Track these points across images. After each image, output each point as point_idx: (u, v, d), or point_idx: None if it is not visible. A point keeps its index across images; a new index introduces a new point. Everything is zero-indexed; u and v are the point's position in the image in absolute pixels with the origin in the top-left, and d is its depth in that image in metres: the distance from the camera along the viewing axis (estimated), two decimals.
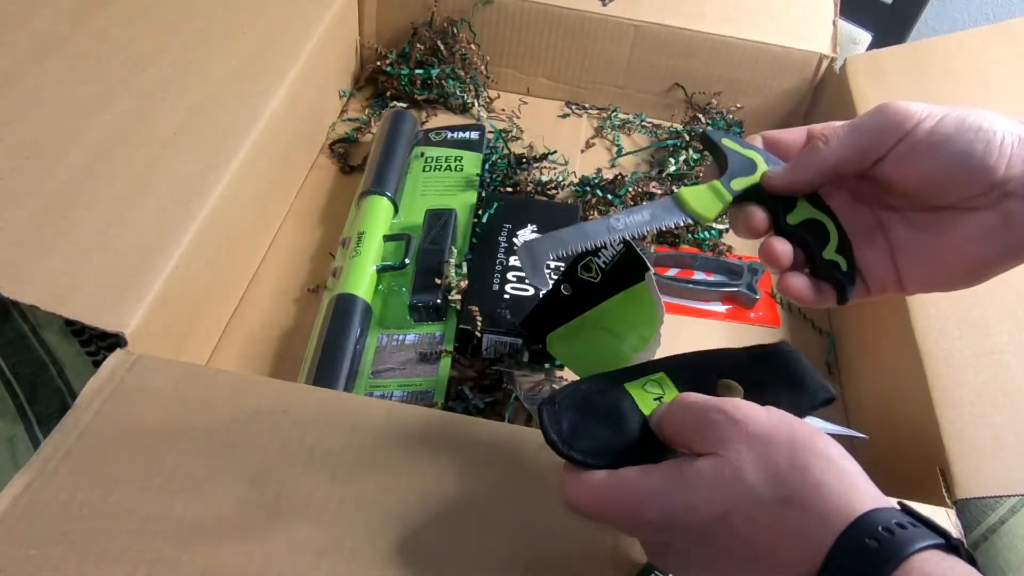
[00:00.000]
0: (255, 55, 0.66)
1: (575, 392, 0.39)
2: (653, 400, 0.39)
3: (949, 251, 0.38)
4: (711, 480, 0.31)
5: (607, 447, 0.37)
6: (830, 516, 0.29)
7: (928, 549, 0.28)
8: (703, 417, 0.33)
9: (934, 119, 0.36)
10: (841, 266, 0.39)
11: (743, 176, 0.41)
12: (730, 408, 0.33)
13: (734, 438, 0.32)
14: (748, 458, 0.31)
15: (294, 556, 0.40)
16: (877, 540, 0.28)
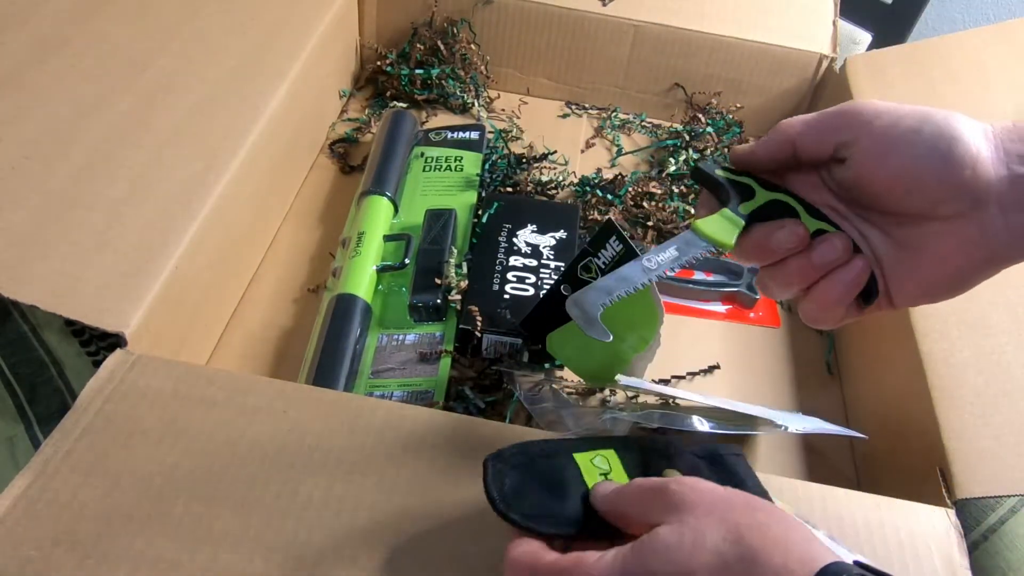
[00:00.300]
0: (255, 55, 0.66)
1: (523, 452, 0.40)
2: (599, 475, 0.40)
3: (930, 265, 0.37)
4: (673, 545, 0.31)
5: (546, 514, 0.37)
6: (793, 569, 0.29)
7: None
8: (662, 489, 0.34)
9: (896, 114, 0.36)
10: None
11: (747, 200, 0.41)
12: (688, 481, 0.33)
13: (694, 504, 0.32)
14: (708, 521, 0.31)
15: (294, 557, 0.40)
16: None
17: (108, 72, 0.61)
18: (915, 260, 0.38)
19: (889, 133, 0.36)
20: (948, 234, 0.36)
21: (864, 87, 0.74)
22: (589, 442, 0.42)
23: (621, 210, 0.73)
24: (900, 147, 0.36)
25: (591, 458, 0.41)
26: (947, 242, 0.37)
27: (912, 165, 0.36)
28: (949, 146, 0.35)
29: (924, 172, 0.35)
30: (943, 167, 0.35)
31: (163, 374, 0.47)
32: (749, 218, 0.41)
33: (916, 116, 0.36)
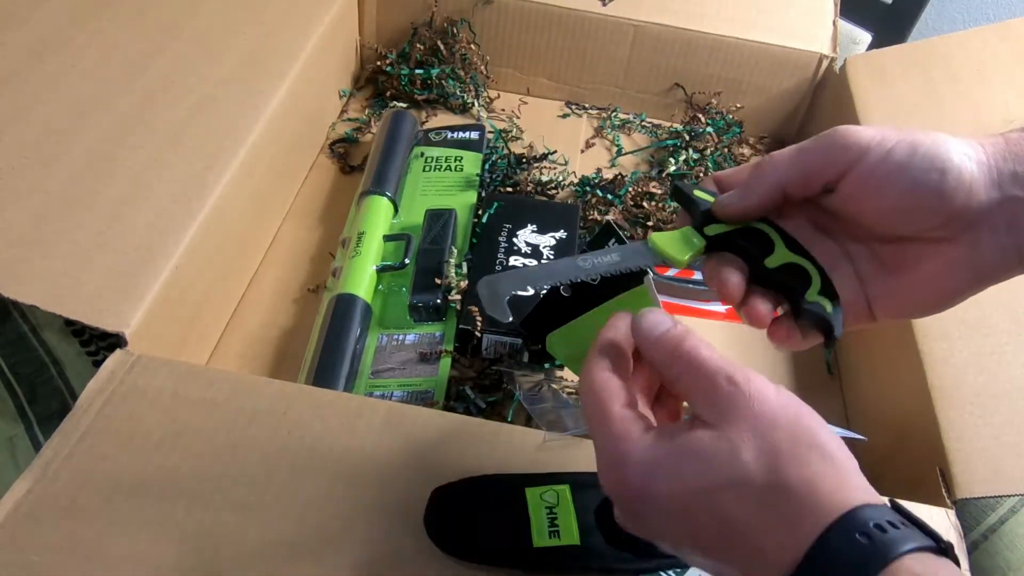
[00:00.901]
0: (255, 55, 0.66)
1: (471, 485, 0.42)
2: (545, 508, 0.41)
3: (917, 285, 0.37)
4: (706, 453, 0.31)
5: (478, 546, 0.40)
6: (821, 508, 0.29)
7: (919, 551, 0.28)
8: (712, 382, 0.32)
9: (884, 148, 0.35)
10: (825, 307, 0.37)
11: (716, 223, 0.39)
12: (741, 379, 0.32)
13: (739, 415, 0.31)
14: (748, 438, 0.30)
15: (294, 557, 0.40)
16: (868, 536, 0.28)
17: (108, 72, 0.61)
18: (901, 279, 0.37)
19: (878, 169, 0.35)
20: (936, 256, 0.36)
21: (864, 87, 0.74)
22: (545, 477, 0.43)
23: (621, 210, 0.73)
24: (890, 182, 0.35)
25: (541, 492, 0.42)
26: (935, 263, 0.36)
27: (903, 199, 0.35)
28: (941, 176, 0.34)
29: (916, 204, 0.35)
30: (935, 197, 0.34)
31: (163, 374, 0.47)
32: (715, 241, 0.39)
33: (905, 146, 0.35)
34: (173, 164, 0.57)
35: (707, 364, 0.33)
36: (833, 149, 0.36)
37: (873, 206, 0.36)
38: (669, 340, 0.34)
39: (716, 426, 0.31)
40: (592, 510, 0.41)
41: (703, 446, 0.31)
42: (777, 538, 0.29)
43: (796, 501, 0.29)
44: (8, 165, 0.53)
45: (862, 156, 0.35)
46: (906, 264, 0.37)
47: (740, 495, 0.30)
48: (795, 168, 0.37)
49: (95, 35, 0.64)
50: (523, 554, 0.40)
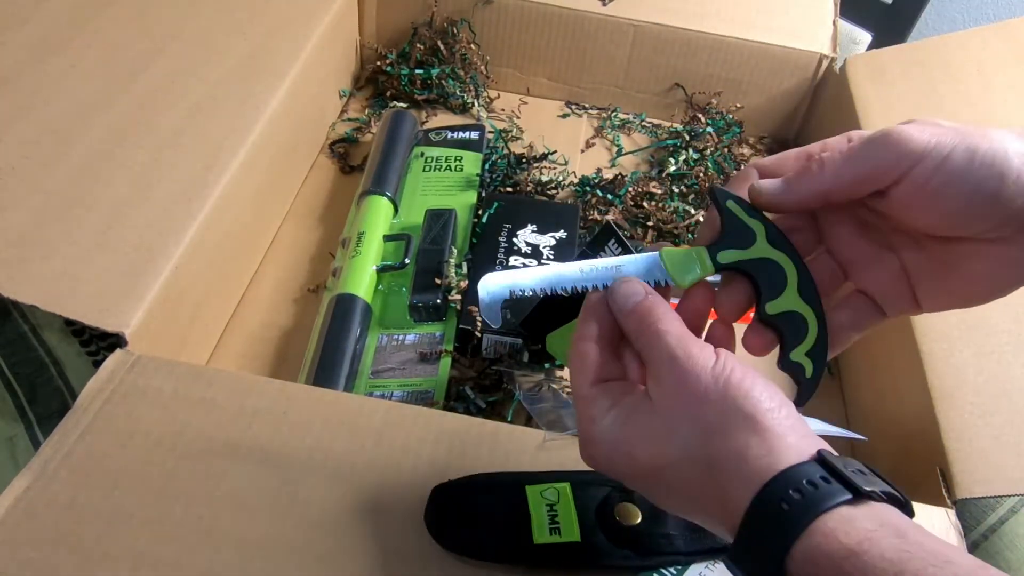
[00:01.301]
0: (255, 55, 0.66)
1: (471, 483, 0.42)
2: (546, 506, 0.41)
3: (964, 280, 0.36)
4: (651, 435, 0.33)
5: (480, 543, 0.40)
6: (750, 479, 0.30)
7: (837, 507, 0.29)
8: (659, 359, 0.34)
9: (940, 154, 0.33)
10: (806, 370, 0.37)
11: (736, 248, 0.37)
12: (682, 357, 0.33)
13: (676, 393, 0.33)
14: (681, 417, 0.32)
15: (294, 557, 0.40)
16: (788, 502, 0.29)
17: (108, 72, 0.61)
18: (948, 275, 0.36)
19: (934, 178, 0.33)
20: (989, 255, 0.35)
21: (864, 87, 0.74)
22: (545, 475, 0.43)
23: (621, 210, 0.73)
24: (947, 191, 0.33)
25: (541, 490, 0.42)
26: (987, 262, 0.35)
27: (959, 206, 0.34)
28: (1000, 183, 0.33)
29: (972, 210, 0.34)
30: (992, 203, 0.33)
31: (163, 374, 0.47)
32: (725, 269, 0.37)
33: (962, 152, 0.33)
34: (173, 164, 0.57)
35: (659, 340, 0.34)
36: (886, 157, 0.34)
37: (926, 213, 0.35)
38: (638, 312, 0.36)
39: (658, 405, 0.33)
40: (593, 508, 0.41)
41: (649, 427, 0.33)
42: (719, 511, 0.31)
43: (728, 473, 0.31)
44: (8, 165, 0.53)
45: (916, 164, 0.34)
46: (957, 262, 0.36)
47: (684, 471, 0.32)
48: (844, 178, 0.35)
49: (95, 35, 0.64)
50: (524, 551, 0.40)
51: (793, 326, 0.37)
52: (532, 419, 0.54)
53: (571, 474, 0.43)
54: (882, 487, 0.30)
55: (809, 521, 0.28)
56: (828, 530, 0.28)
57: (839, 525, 0.28)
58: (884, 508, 0.30)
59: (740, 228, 0.37)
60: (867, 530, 0.28)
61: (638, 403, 0.34)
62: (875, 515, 0.29)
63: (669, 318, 0.35)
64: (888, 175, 0.34)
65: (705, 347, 0.34)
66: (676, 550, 0.41)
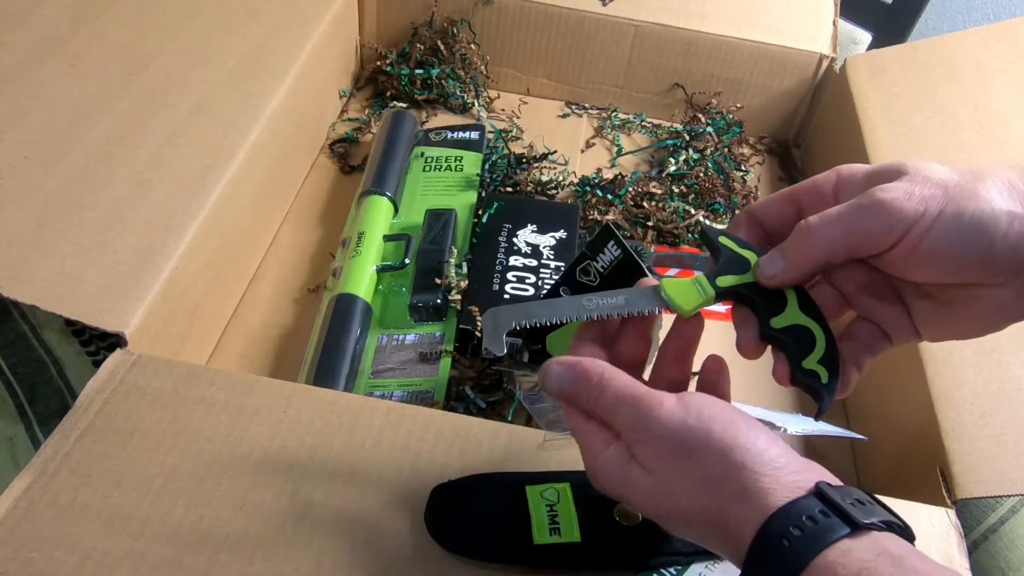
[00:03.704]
0: (255, 55, 0.66)
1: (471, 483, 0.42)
2: (546, 506, 0.41)
3: (965, 320, 0.37)
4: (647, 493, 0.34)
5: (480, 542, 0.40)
6: (750, 519, 0.31)
7: (838, 541, 0.29)
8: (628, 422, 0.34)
9: (928, 220, 0.33)
10: (821, 377, 0.37)
11: (732, 274, 0.39)
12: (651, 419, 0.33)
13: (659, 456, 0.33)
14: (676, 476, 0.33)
15: (294, 557, 0.40)
16: (788, 540, 0.30)
17: (108, 72, 0.61)
18: (949, 316, 0.37)
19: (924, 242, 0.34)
20: (984, 297, 0.35)
21: (864, 87, 0.74)
22: (545, 476, 0.43)
23: (621, 210, 0.73)
24: (937, 254, 0.34)
25: (541, 491, 0.42)
26: (984, 304, 0.36)
27: (950, 264, 0.34)
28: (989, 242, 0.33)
29: (963, 267, 0.34)
30: (983, 260, 0.34)
31: (163, 374, 0.47)
32: (726, 293, 0.39)
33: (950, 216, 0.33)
34: (173, 164, 0.57)
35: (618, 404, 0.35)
36: (877, 228, 0.34)
37: (920, 270, 0.35)
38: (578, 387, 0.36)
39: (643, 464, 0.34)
40: (593, 508, 0.41)
41: (639, 483, 0.34)
42: (727, 541, 0.32)
43: (729, 515, 0.32)
44: (8, 165, 0.53)
45: (908, 232, 0.34)
46: (955, 302, 0.36)
47: (683, 520, 0.33)
48: (837, 246, 0.36)
49: (95, 35, 0.64)
50: (524, 551, 0.40)
51: (799, 338, 0.37)
52: (532, 419, 0.54)
53: (571, 474, 0.43)
54: (881, 516, 0.31)
55: (810, 558, 0.29)
56: (828, 563, 0.29)
57: (837, 558, 0.29)
58: (883, 537, 0.30)
59: (735, 258, 0.39)
60: (864, 561, 0.29)
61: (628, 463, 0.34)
62: (872, 545, 0.30)
63: (612, 380, 0.35)
64: (880, 244, 0.35)
65: (665, 400, 0.34)
66: (676, 550, 0.41)
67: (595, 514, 0.42)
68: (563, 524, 0.41)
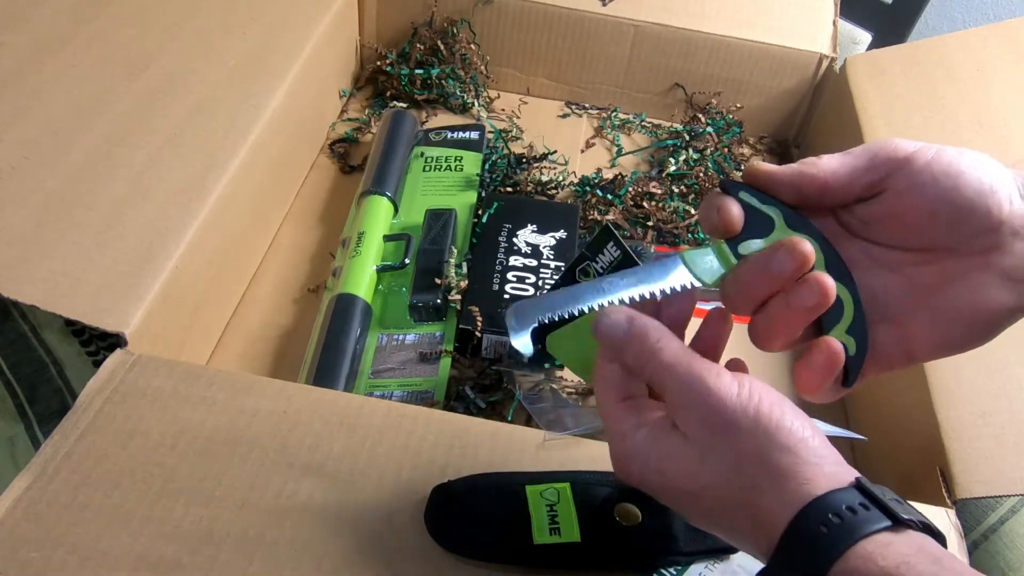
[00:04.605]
0: (255, 55, 0.66)
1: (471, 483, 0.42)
2: (545, 506, 0.41)
3: (952, 309, 0.36)
4: (681, 461, 0.33)
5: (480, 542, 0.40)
6: (788, 503, 0.30)
7: (877, 533, 0.29)
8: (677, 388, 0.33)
9: (931, 150, 0.35)
10: (849, 349, 0.36)
11: (756, 238, 0.36)
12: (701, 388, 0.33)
13: (703, 422, 0.33)
14: (715, 448, 0.32)
15: (294, 558, 0.40)
16: (827, 526, 0.29)
17: (108, 72, 0.61)
18: (938, 303, 0.36)
19: (931, 167, 0.35)
20: (974, 273, 0.35)
21: (864, 87, 0.74)
22: (545, 475, 0.43)
23: (621, 210, 0.73)
24: (946, 178, 0.34)
25: (541, 491, 0.42)
26: (972, 282, 0.35)
27: (957, 195, 0.34)
28: (992, 179, 0.34)
29: (968, 202, 0.34)
30: (987, 197, 0.34)
31: (163, 374, 0.47)
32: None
33: (952, 151, 0.35)
34: (173, 164, 0.57)
35: (668, 371, 0.34)
36: (881, 151, 0.36)
37: (923, 203, 0.35)
38: (632, 342, 0.35)
39: (685, 432, 0.33)
40: (593, 508, 0.41)
41: (679, 453, 0.33)
42: (754, 533, 0.32)
43: (764, 497, 0.31)
44: (8, 165, 0.53)
45: (911, 156, 0.35)
46: (941, 285, 0.36)
47: (717, 494, 0.32)
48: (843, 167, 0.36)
49: (95, 35, 0.64)
50: (524, 551, 0.40)
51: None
52: (532, 419, 0.54)
53: (571, 474, 0.43)
54: (919, 517, 0.31)
55: (849, 545, 0.29)
56: (866, 553, 0.29)
57: (876, 549, 0.29)
58: (920, 536, 0.30)
59: (757, 217, 0.37)
60: (904, 555, 0.28)
61: (666, 425, 0.34)
62: (912, 542, 0.29)
63: (669, 344, 0.34)
64: (883, 165, 0.35)
65: (722, 372, 0.33)
66: (676, 550, 0.41)
67: (595, 514, 0.41)
68: (563, 524, 0.41)
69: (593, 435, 0.49)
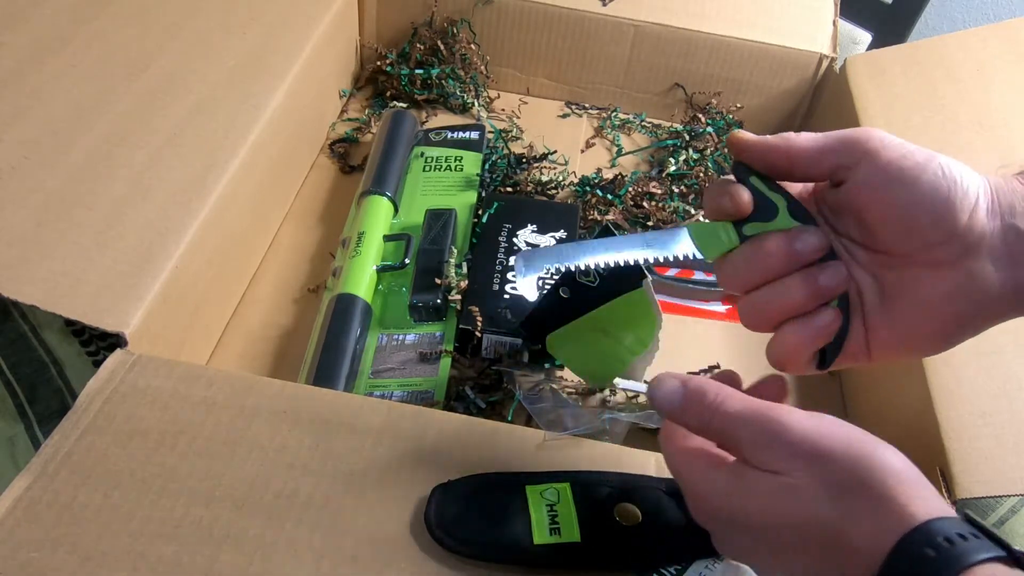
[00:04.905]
0: (255, 55, 0.66)
1: (471, 483, 0.42)
2: (546, 506, 0.41)
3: (915, 313, 0.36)
4: (768, 495, 0.32)
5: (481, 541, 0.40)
6: (890, 527, 0.30)
7: (989, 562, 0.28)
8: (754, 432, 0.33)
9: (906, 148, 0.36)
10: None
11: (760, 221, 0.38)
12: (781, 427, 0.32)
13: (791, 457, 0.32)
14: (806, 479, 0.31)
15: (294, 558, 0.40)
16: (935, 549, 0.28)
17: (108, 72, 0.61)
18: (900, 307, 0.37)
19: (892, 165, 0.35)
20: (937, 281, 0.36)
21: (864, 87, 0.74)
22: (545, 475, 0.43)
23: (621, 210, 0.73)
24: (902, 181, 0.35)
25: (541, 490, 0.42)
26: (935, 290, 0.36)
27: (911, 201, 0.35)
28: (950, 188, 0.34)
29: (922, 210, 0.35)
30: (942, 208, 0.34)
31: (163, 374, 0.47)
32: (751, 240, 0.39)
33: (923, 154, 0.35)
34: (173, 164, 0.57)
35: (742, 416, 0.34)
36: (854, 137, 0.36)
37: (880, 204, 0.36)
38: (691, 405, 0.35)
39: (772, 470, 0.32)
40: (593, 508, 0.41)
41: (764, 489, 0.32)
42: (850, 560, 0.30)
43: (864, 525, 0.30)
44: (8, 165, 0.53)
45: (880, 150, 0.36)
46: (905, 289, 0.36)
47: (807, 530, 0.31)
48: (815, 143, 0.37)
49: (95, 35, 0.64)
50: (524, 551, 0.40)
51: None
52: (532, 419, 0.54)
53: (571, 474, 0.43)
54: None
55: (960, 569, 0.28)
56: None
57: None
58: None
59: (763, 202, 0.38)
60: None
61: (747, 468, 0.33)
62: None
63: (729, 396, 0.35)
64: (852, 151, 0.36)
65: (792, 409, 0.33)
66: (676, 550, 0.41)
67: (595, 514, 0.42)
68: (563, 524, 0.41)
69: (593, 435, 0.49)
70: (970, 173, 0.35)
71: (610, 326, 0.54)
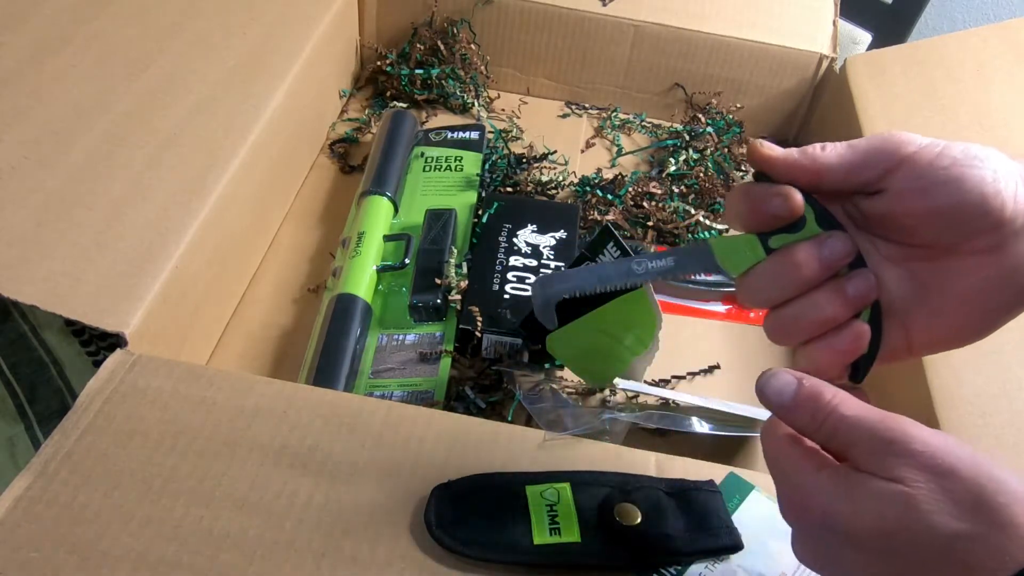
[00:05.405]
0: (255, 55, 0.66)
1: (471, 483, 0.42)
2: (546, 506, 0.41)
3: (956, 306, 0.36)
4: (883, 501, 0.31)
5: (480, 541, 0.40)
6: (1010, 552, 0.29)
7: None
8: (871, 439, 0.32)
9: (938, 145, 0.35)
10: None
11: (787, 233, 0.36)
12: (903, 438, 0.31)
13: (914, 468, 0.31)
14: (926, 490, 0.30)
15: (294, 557, 0.40)
16: None
17: (108, 72, 0.61)
18: (940, 299, 0.36)
19: (934, 166, 0.34)
20: (975, 271, 0.35)
21: (864, 87, 0.74)
22: (545, 476, 0.43)
23: (621, 210, 0.73)
24: (947, 181, 0.34)
25: (541, 491, 0.42)
26: (972, 280, 0.35)
27: (959, 199, 0.34)
28: (992, 174, 0.34)
29: (970, 205, 0.34)
30: (990, 198, 0.34)
31: (163, 374, 0.47)
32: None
33: (957, 148, 0.35)
34: (173, 164, 0.57)
35: (860, 421, 0.32)
36: (887, 144, 0.35)
37: (923, 206, 0.35)
38: (804, 404, 0.34)
39: (889, 477, 0.31)
40: (593, 508, 0.41)
41: (878, 494, 0.31)
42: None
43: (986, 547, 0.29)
44: (8, 165, 0.53)
45: (917, 151, 0.35)
46: (943, 280, 0.36)
47: (920, 541, 0.30)
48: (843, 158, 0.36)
49: (95, 35, 0.64)
50: (524, 551, 0.40)
51: None
52: (532, 419, 0.54)
53: (571, 474, 0.43)
54: None
55: None
56: None
57: None
58: None
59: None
60: None
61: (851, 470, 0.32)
62: None
63: (846, 399, 0.33)
64: (883, 164, 0.35)
65: (916, 423, 0.32)
66: (676, 550, 0.41)
67: (595, 514, 0.42)
68: (563, 524, 0.41)
69: (593, 435, 0.49)
70: (998, 155, 0.35)
71: (610, 326, 0.54)
